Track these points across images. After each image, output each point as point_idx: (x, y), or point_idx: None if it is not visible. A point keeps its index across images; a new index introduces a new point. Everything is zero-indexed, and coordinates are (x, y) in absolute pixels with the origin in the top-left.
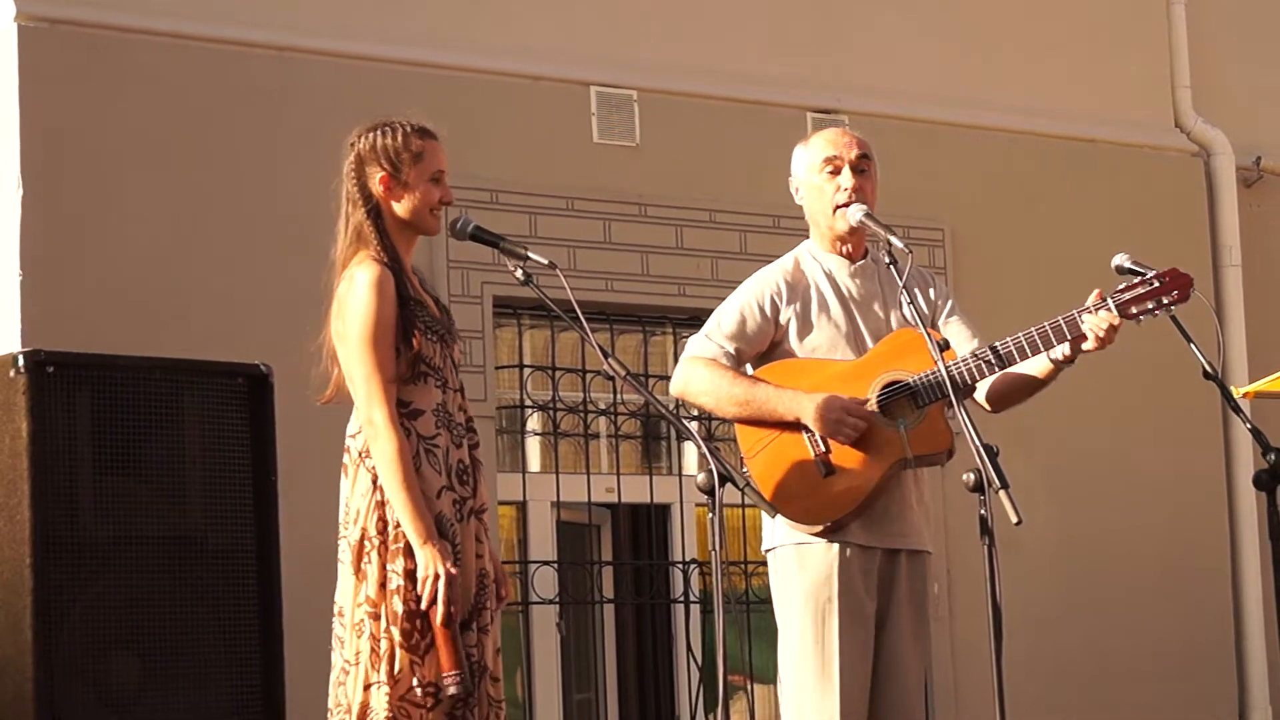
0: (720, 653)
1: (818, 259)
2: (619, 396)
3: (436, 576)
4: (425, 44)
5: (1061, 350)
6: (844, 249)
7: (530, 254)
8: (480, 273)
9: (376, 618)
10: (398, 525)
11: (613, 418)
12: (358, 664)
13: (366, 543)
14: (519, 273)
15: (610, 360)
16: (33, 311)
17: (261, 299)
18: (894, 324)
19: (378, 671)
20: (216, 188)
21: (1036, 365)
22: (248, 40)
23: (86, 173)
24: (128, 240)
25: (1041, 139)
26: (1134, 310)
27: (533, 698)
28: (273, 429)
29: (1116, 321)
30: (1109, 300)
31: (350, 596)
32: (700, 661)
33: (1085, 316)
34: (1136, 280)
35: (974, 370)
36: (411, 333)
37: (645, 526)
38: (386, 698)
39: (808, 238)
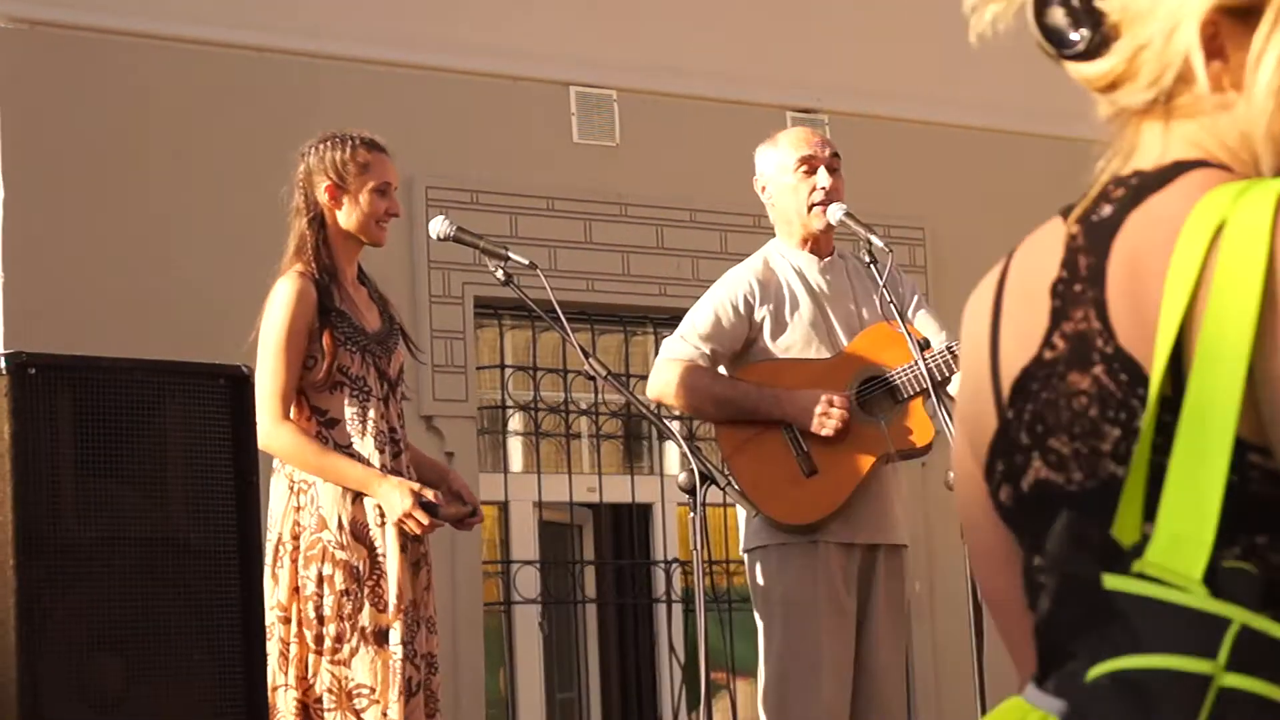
0: (702, 651)
1: (786, 257)
2: (600, 396)
3: (407, 513)
4: (404, 44)
5: None
6: (813, 246)
7: (511, 254)
8: (461, 273)
9: (286, 621)
10: (312, 531)
11: (594, 418)
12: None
13: (280, 547)
14: (500, 273)
15: (591, 360)
16: (14, 313)
17: (243, 300)
18: (865, 319)
19: (285, 675)
20: (197, 189)
21: None
22: (227, 41)
23: (67, 174)
24: (109, 241)
25: (1021, 137)
26: None
27: (515, 697)
28: (254, 429)
29: None
30: None
31: (267, 599)
32: (682, 660)
33: None
34: None
35: (950, 363)
36: (330, 344)
37: (627, 526)
38: (294, 701)
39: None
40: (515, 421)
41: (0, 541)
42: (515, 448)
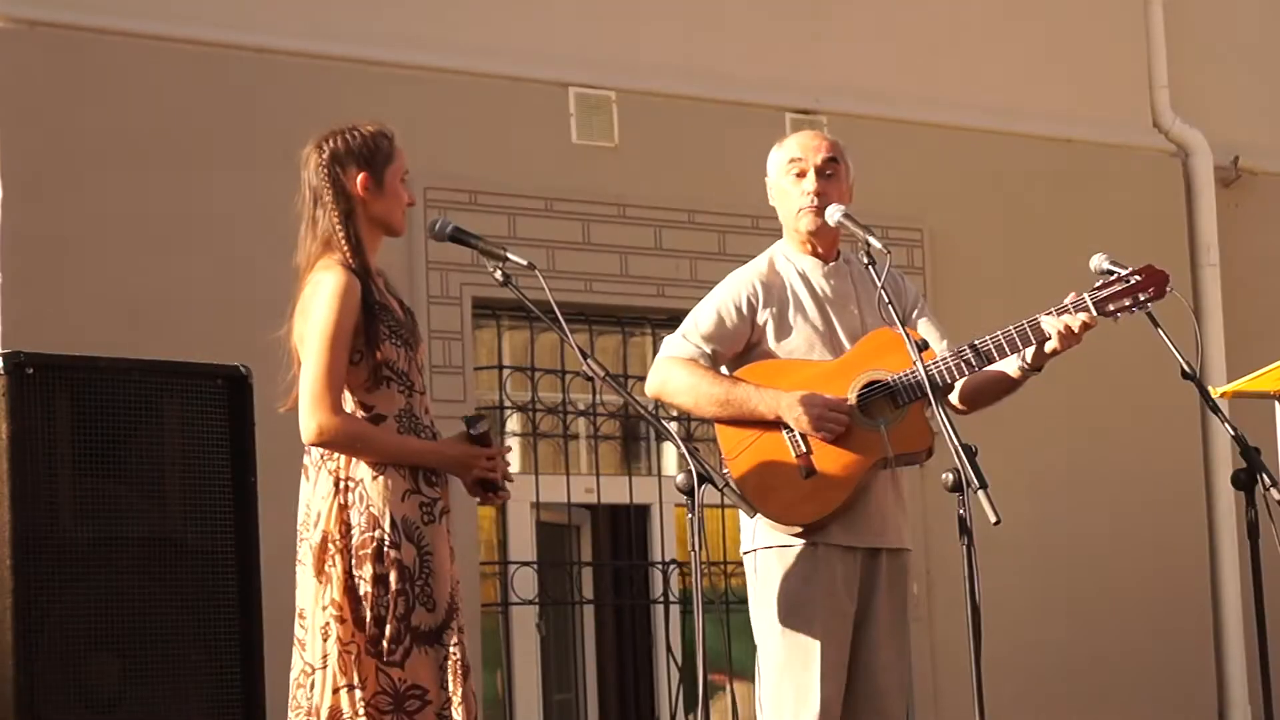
0: (700, 652)
1: (791, 260)
2: (598, 397)
3: (483, 465)
4: (404, 45)
5: (1028, 355)
6: (816, 249)
7: (509, 255)
8: (459, 274)
9: (343, 621)
10: (363, 530)
11: (592, 418)
12: (324, 667)
13: (330, 545)
14: (498, 274)
15: (589, 361)
16: (13, 313)
17: (241, 300)
18: (868, 323)
19: (347, 675)
20: (196, 189)
21: (1009, 368)
22: (226, 41)
23: (67, 174)
24: (108, 242)
25: (1020, 139)
26: (1111, 308)
27: (513, 698)
28: (252, 430)
29: (1091, 320)
30: (1085, 297)
31: (312, 599)
32: (680, 661)
33: (1045, 318)
34: (1113, 278)
35: (952, 370)
36: (377, 340)
37: (625, 527)
38: (362, 702)
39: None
40: (513, 422)
41: None
42: (513, 448)
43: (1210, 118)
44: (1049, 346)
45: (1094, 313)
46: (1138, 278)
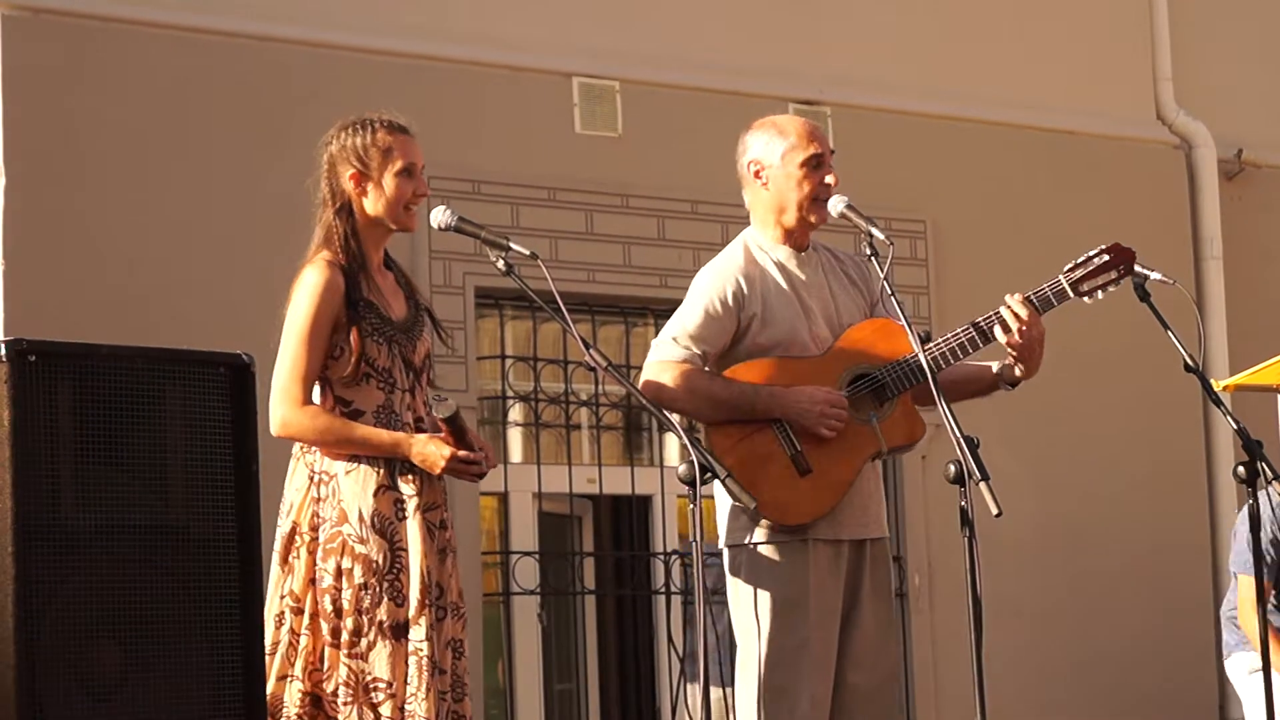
0: (701, 644)
1: (765, 249)
2: (601, 387)
3: (449, 459)
4: (408, 35)
5: (996, 366)
6: (793, 240)
7: (512, 244)
8: (462, 263)
9: (299, 613)
10: (333, 524)
11: (594, 409)
12: (274, 655)
13: (297, 537)
14: (501, 263)
15: (592, 351)
16: (15, 301)
17: (244, 288)
18: (842, 311)
19: (293, 666)
20: (199, 178)
21: (979, 372)
22: (230, 30)
23: (69, 163)
24: (110, 230)
25: (1023, 131)
26: (1084, 288)
27: (514, 688)
28: (254, 418)
29: (1026, 312)
30: (1060, 279)
31: (273, 586)
32: (681, 652)
33: (1001, 310)
34: (1080, 260)
35: (946, 356)
36: (349, 333)
37: (627, 517)
38: (299, 693)
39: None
40: (515, 412)
41: None
42: (515, 438)
43: (1214, 110)
44: (1001, 337)
45: (1071, 295)
46: (1105, 257)
